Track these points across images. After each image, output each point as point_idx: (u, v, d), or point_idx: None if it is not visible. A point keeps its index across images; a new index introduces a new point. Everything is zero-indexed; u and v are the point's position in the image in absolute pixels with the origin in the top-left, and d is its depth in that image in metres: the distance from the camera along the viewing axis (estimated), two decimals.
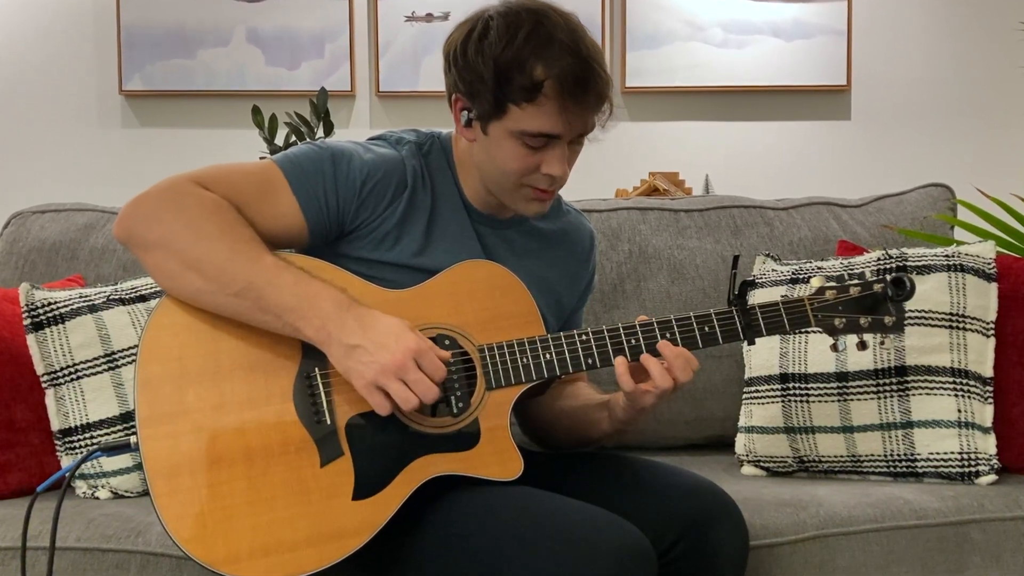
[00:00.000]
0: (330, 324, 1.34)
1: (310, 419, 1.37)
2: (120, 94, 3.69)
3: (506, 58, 1.39)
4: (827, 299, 1.48)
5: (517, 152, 1.44)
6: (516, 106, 1.40)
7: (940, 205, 2.23)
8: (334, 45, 3.68)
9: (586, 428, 1.59)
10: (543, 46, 1.39)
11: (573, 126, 1.43)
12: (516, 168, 1.45)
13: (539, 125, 1.41)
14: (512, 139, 1.43)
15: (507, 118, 1.42)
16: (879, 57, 3.73)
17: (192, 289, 1.37)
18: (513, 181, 1.47)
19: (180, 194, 1.39)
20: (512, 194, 1.50)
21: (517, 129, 1.42)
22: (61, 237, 2.17)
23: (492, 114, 1.43)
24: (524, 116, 1.41)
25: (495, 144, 1.45)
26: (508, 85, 1.39)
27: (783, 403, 1.87)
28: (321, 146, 1.49)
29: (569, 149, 1.46)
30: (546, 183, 1.47)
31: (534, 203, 1.50)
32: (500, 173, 1.47)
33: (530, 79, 1.39)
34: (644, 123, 3.72)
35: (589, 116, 1.44)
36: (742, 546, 1.45)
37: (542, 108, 1.40)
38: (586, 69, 1.39)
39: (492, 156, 1.47)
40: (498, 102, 1.41)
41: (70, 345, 1.82)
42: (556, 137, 1.43)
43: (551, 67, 1.38)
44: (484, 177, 1.51)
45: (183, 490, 1.32)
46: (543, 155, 1.44)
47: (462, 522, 1.35)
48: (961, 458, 1.76)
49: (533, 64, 1.39)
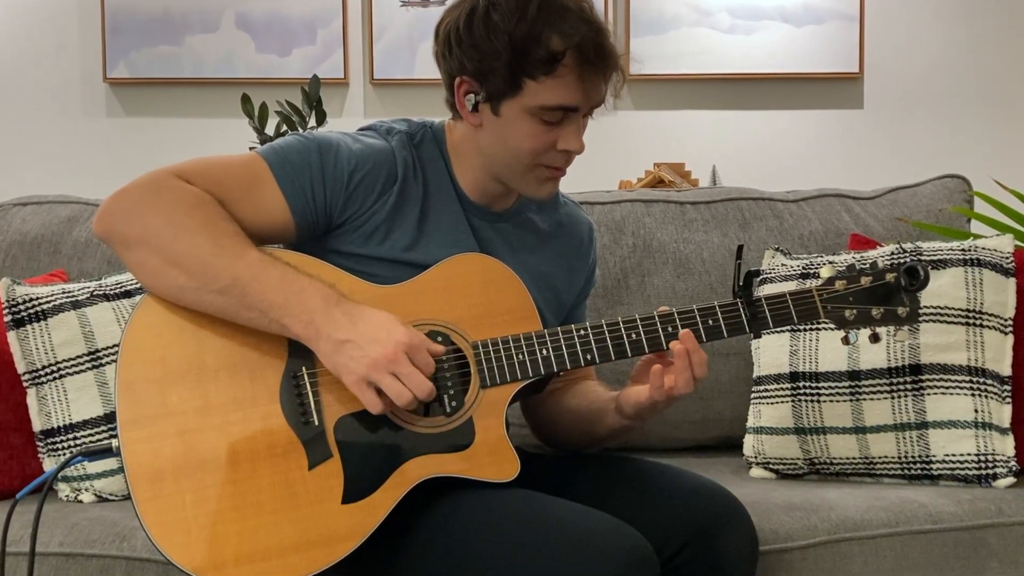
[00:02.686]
0: (318, 320, 1.34)
1: (297, 420, 1.37)
2: (104, 82, 3.68)
3: (521, 32, 1.41)
4: (837, 290, 1.48)
5: (533, 129, 1.46)
6: (534, 80, 1.43)
7: (956, 197, 2.23)
8: (327, 31, 3.67)
9: (594, 426, 1.59)
10: (558, 17, 1.42)
11: (591, 96, 1.47)
12: (532, 147, 1.47)
13: (559, 97, 1.44)
14: (528, 117, 1.45)
15: (524, 94, 1.44)
16: (893, 43, 3.72)
17: (175, 287, 1.37)
18: (527, 162, 1.49)
19: (161, 189, 1.39)
20: (524, 176, 1.51)
21: (535, 104, 1.44)
22: (43, 230, 2.17)
23: (506, 92, 1.44)
24: (542, 90, 1.43)
25: (509, 124, 1.47)
26: (525, 59, 1.42)
27: (793, 403, 1.87)
28: (308, 137, 1.49)
29: (584, 120, 1.50)
30: (562, 160, 1.50)
31: (548, 183, 1.53)
32: (513, 155, 1.48)
33: (548, 51, 1.41)
34: (649, 112, 3.71)
35: (604, 86, 1.48)
36: (751, 552, 1.45)
37: (562, 80, 1.43)
38: (599, 37, 1.44)
39: (505, 137, 1.48)
40: (514, 78, 1.43)
41: (52, 343, 1.82)
42: (574, 109, 1.46)
43: (569, 37, 1.42)
44: (492, 163, 1.52)
45: (166, 495, 1.32)
46: (559, 131, 1.47)
47: (456, 526, 1.35)
48: (978, 460, 1.76)
49: (549, 35, 1.42)
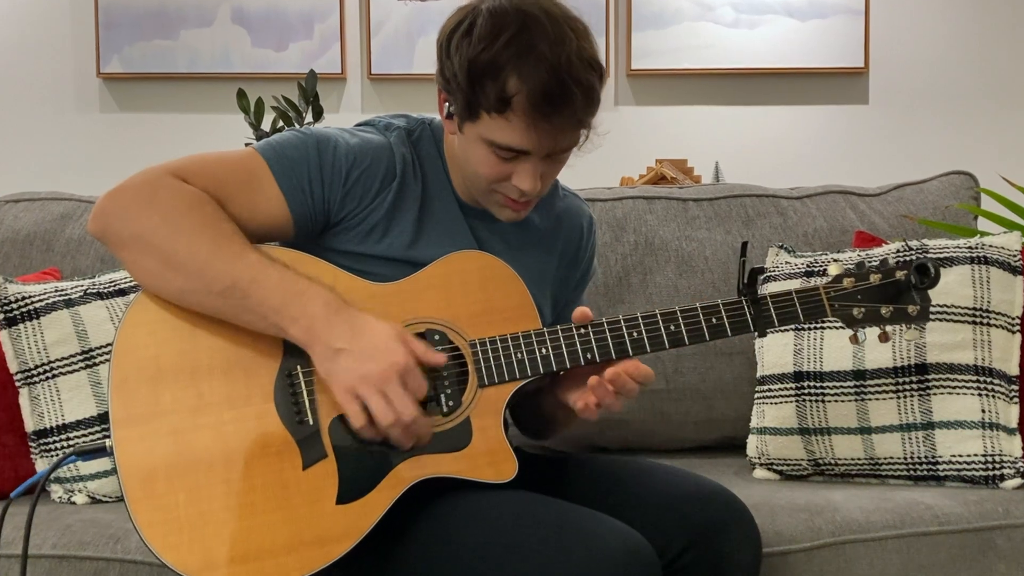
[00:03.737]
0: (318, 326, 1.34)
1: (292, 420, 1.37)
2: (98, 77, 3.68)
3: (481, 62, 1.38)
4: (845, 288, 1.47)
5: (488, 159, 1.44)
6: (487, 114, 1.40)
7: (963, 194, 2.22)
8: (324, 25, 3.67)
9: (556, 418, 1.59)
10: (520, 56, 1.36)
11: (543, 144, 1.41)
12: (486, 174, 1.45)
13: (507, 139, 1.40)
14: (484, 145, 1.43)
15: (479, 123, 1.42)
16: (899, 37, 3.72)
17: (173, 288, 1.38)
18: (483, 186, 1.48)
19: (157, 187, 1.39)
20: (485, 197, 1.50)
21: (487, 137, 1.42)
22: (36, 227, 2.17)
23: (464, 115, 1.43)
24: (494, 126, 1.40)
25: (469, 145, 1.45)
26: (480, 91, 1.38)
27: (797, 403, 1.87)
28: (305, 132, 1.48)
29: (548, 161, 1.45)
30: (517, 195, 1.46)
31: (506, 210, 1.50)
32: (472, 175, 1.48)
33: (501, 90, 1.37)
34: (651, 107, 3.71)
35: (561, 137, 1.42)
36: (754, 554, 1.44)
37: (511, 123, 1.39)
38: (562, 87, 1.36)
39: (467, 156, 1.47)
40: (470, 106, 1.41)
41: (45, 342, 1.82)
42: (526, 152, 1.42)
43: (525, 80, 1.36)
44: (462, 172, 1.52)
45: (159, 495, 1.32)
46: (514, 166, 1.44)
47: (453, 528, 1.35)
48: (985, 461, 1.75)
49: (508, 74, 1.37)
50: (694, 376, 2.10)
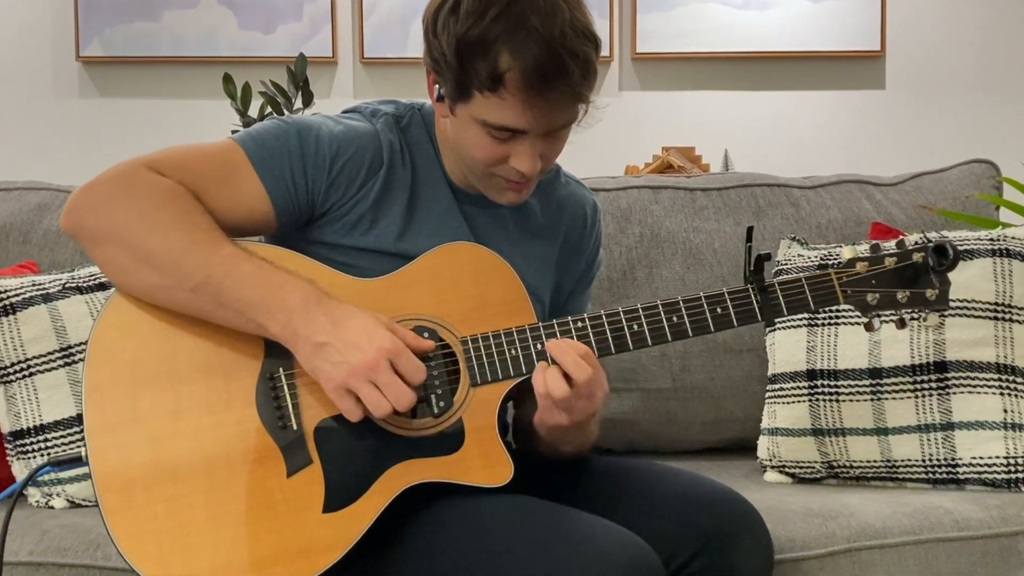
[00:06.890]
0: (296, 320, 1.33)
1: (274, 425, 1.37)
2: (77, 61, 3.69)
3: (470, 39, 1.36)
4: (858, 272, 1.46)
5: (483, 141, 1.42)
6: (479, 93, 1.38)
7: (984, 183, 2.23)
8: (313, 7, 3.67)
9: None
10: (511, 30, 1.35)
11: (540, 122, 1.40)
12: (483, 157, 1.44)
13: (502, 118, 1.39)
14: (477, 126, 1.42)
15: (471, 104, 1.40)
16: (917, 19, 3.71)
17: (146, 285, 1.38)
18: (481, 170, 1.47)
19: (132, 181, 1.39)
20: (483, 181, 1.49)
21: (480, 118, 1.40)
22: (12, 218, 2.17)
23: (455, 96, 1.42)
24: (487, 105, 1.39)
25: (463, 128, 1.44)
26: (471, 69, 1.37)
27: (810, 402, 1.86)
28: (286, 121, 1.48)
29: (548, 139, 1.44)
30: (516, 175, 1.45)
31: (508, 192, 1.49)
32: (468, 158, 1.47)
33: (493, 68, 1.36)
34: (657, 93, 3.71)
35: (558, 113, 1.41)
36: (766, 561, 1.44)
37: (505, 101, 1.37)
38: (557, 62, 1.34)
39: (461, 139, 1.46)
40: (461, 86, 1.39)
41: (22, 338, 1.82)
42: (523, 132, 1.41)
43: (516, 57, 1.35)
44: (457, 157, 1.51)
45: (137, 506, 1.32)
46: (511, 147, 1.42)
47: (445, 535, 1.35)
48: (1007, 463, 1.75)
49: (498, 50, 1.35)
50: (702, 374, 2.10)
